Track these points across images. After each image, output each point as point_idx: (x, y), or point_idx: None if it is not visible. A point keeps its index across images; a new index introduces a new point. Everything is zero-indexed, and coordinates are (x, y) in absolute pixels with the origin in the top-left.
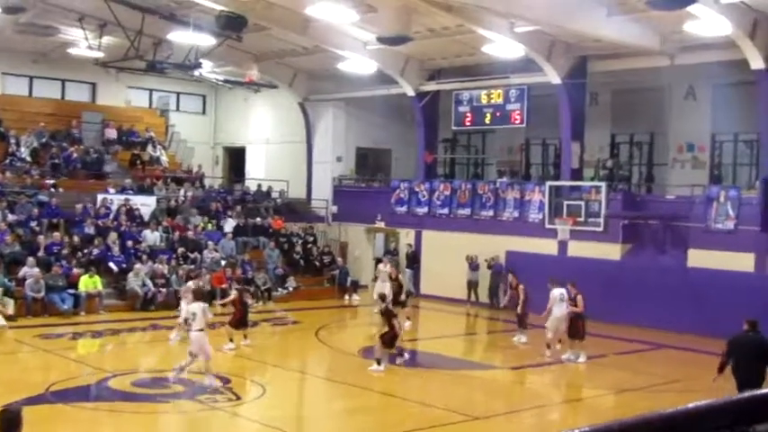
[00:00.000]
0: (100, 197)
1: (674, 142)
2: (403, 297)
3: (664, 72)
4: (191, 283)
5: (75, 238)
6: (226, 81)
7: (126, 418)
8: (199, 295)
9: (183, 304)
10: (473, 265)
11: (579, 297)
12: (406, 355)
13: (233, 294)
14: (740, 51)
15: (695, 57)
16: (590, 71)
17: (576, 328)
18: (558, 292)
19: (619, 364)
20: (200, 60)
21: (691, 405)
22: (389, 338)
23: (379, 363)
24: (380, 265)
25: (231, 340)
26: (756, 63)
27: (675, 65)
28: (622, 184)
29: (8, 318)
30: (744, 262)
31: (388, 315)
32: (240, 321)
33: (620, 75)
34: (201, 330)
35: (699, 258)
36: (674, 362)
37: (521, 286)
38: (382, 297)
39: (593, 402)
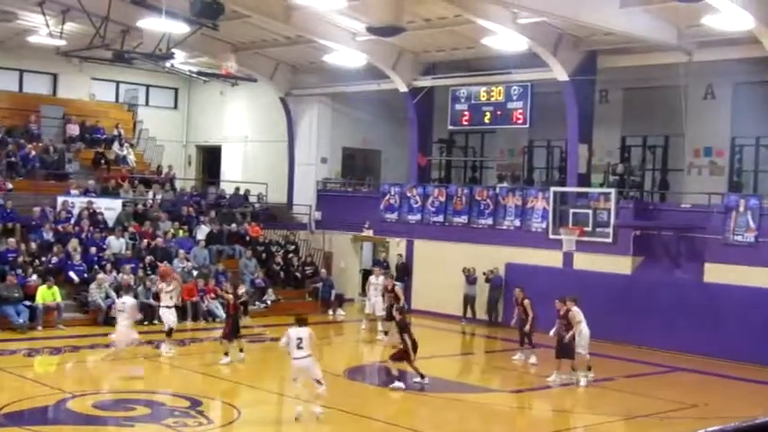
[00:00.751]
0: (60, 200)
1: (691, 146)
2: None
3: (680, 69)
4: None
5: (33, 245)
6: (200, 73)
7: None
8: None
9: None
10: (470, 279)
11: (527, 302)
12: (427, 380)
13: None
14: (763, 48)
15: (715, 53)
16: (600, 67)
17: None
18: (578, 310)
19: (628, 387)
20: (173, 50)
21: (708, 430)
22: (399, 355)
23: (399, 378)
24: (372, 278)
25: (226, 354)
26: None
27: (693, 62)
28: (633, 191)
29: None
30: (765, 277)
31: (401, 329)
32: (232, 332)
33: (632, 72)
34: (309, 356)
35: (716, 273)
36: (689, 386)
37: (526, 301)
38: (400, 310)
39: (600, 430)
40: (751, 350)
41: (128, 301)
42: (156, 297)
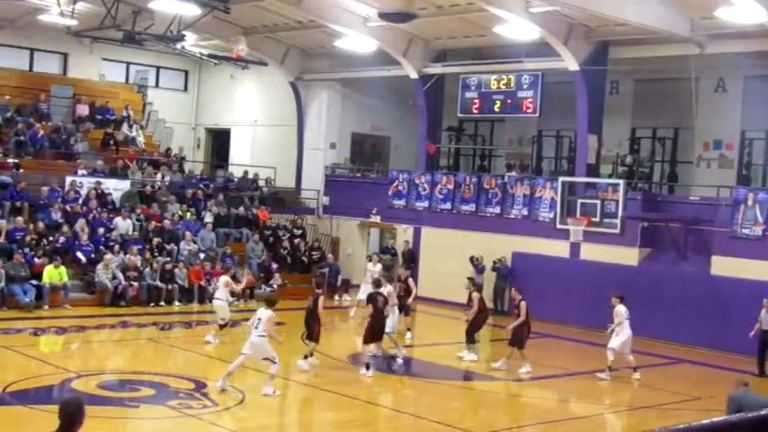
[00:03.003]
0: (68, 180)
1: (701, 139)
2: (410, 301)
3: (692, 61)
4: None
5: (40, 225)
6: (210, 56)
7: (91, 424)
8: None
9: None
10: (478, 268)
11: (522, 304)
12: (399, 360)
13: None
14: None
15: (727, 46)
16: (611, 58)
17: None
18: (624, 309)
19: (633, 379)
20: (184, 32)
21: (706, 421)
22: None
23: (367, 367)
24: (369, 264)
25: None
26: None
27: (705, 54)
28: (642, 182)
29: None
30: None
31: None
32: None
33: (643, 63)
34: (263, 336)
35: (723, 266)
36: (695, 379)
37: (522, 303)
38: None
39: (603, 420)
40: (756, 343)
41: (264, 314)
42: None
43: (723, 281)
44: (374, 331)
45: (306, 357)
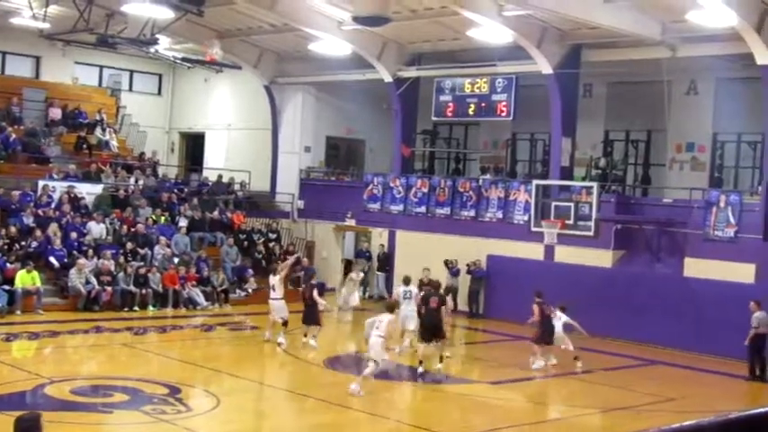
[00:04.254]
0: (41, 184)
1: (673, 141)
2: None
3: (664, 64)
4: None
5: (12, 229)
6: (184, 59)
7: (64, 430)
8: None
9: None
10: (453, 270)
11: (534, 306)
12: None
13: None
14: (745, 44)
15: (698, 49)
16: (584, 61)
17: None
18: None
19: (607, 380)
20: (157, 36)
21: (685, 423)
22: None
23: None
24: (352, 274)
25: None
26: (762, 58)
27: (676, 57)
28: (616, 185)
29: None
30: (744, 272)
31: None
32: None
33: (616, 66)
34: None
35: (696, 268)
36: (668, 379)
37: (534, 305)
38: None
39: (578, 421)
40: (729, 345)
41: (385, 317)
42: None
43: (696, 282)
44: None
45: (314, 337)
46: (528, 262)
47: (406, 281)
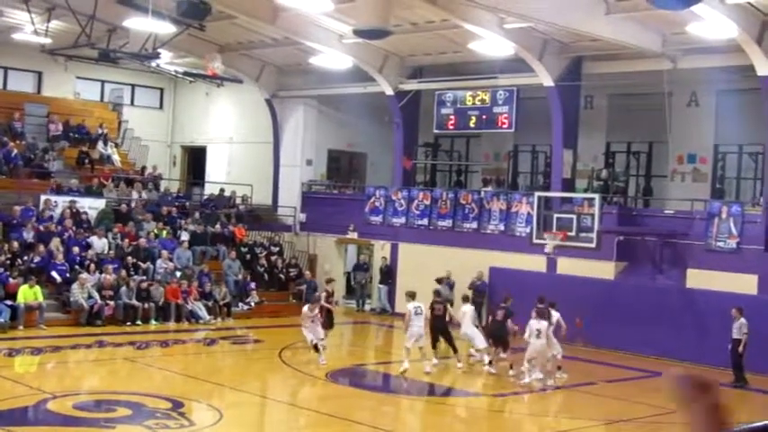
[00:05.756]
0: (43, 198)
1: (674, 153)
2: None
3: (665, 76)
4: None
5: (15, 244)
6: (186, 74)
7: None
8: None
9: None
10: (449, 284)
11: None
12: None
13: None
14: (746, 56)
15: (699, 61)
16: (585, 73)
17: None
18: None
19: (610, 392)
20: (159, 50)
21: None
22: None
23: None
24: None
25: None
26: (763, 69)
27: (677, 69)
28: (617, 196)
29: None
30: (746, 284)
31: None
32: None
33: (617, 78)
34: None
35: (698, 279)
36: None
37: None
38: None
39: None
40: (730, 357)
41: (468, 309)
42: None
43: (698, 294)
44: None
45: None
46: (530, 274)
47: (412, 295)
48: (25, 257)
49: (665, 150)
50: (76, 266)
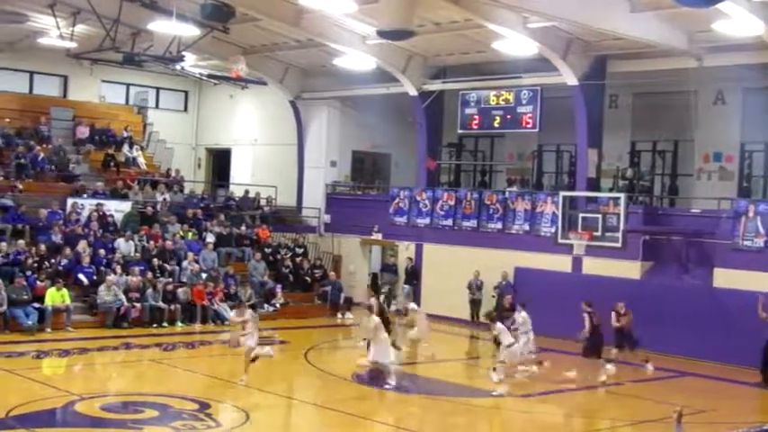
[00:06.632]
0: (69, 201)
1: (701, 151)
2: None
3: (690, 74)
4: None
5: (42, 247)
6: (210, 76)
7: None
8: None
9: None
10: (477, 284)
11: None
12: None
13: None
14: None
15: (724, 58)
16: (609, 72)
17: None
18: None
19: (636, 392)
20: (183, 53)
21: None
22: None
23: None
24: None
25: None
26: None
27: (703, 67)
28: (643, 196)
29: None
30: None
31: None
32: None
33: (642, 76)
34: None
35: (726, 278)
36: (698, 391)
37: (586, 315)
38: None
39: None
40: (760, 355)
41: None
42: None
43: (725, 293)
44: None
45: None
46: (555, 274)
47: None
48: (52, 260)
49: (691, 149)
50: (102, 269)
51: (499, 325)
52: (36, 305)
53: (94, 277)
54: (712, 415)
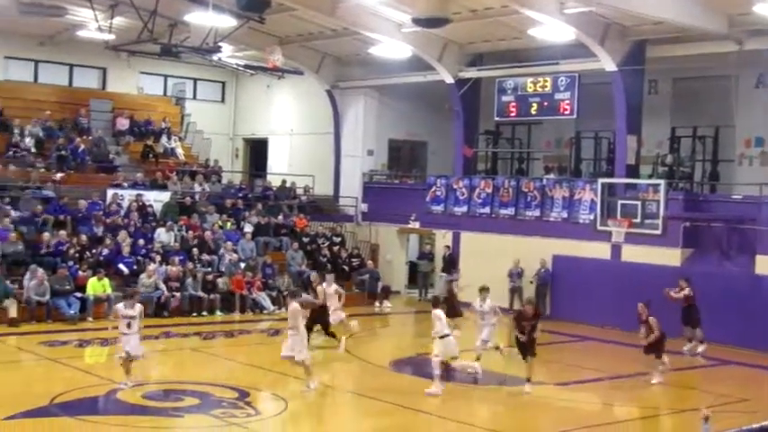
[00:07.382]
0: (110, 192)
1: (742, 136)
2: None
3: (731, 58)
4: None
5: (83, 237)
6: (247, 66)
7: None
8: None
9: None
10: (517, 272)
11: (652, 319)
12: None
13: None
14: None
15: (766, 42)
16: (648, 57)
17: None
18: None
19: (677, 381)
20: (220, 44)
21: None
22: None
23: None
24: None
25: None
26: None
27: (744, 51)
28: (683, 182)
29: (10, 322)
30: None
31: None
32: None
33: (682, 61)
34: None
35: None
36: (741, 380)
37: (651, 318)
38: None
39: (649, 424)
40: None
41: None
42: None
43: None
44: None
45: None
46: (594, 262)
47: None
48: (93, 251)
49: (732, 134)
50: (140, 258)
51: (436, 311)
52: (78, 295)
53: (134, 267)
54: (755, 404)
